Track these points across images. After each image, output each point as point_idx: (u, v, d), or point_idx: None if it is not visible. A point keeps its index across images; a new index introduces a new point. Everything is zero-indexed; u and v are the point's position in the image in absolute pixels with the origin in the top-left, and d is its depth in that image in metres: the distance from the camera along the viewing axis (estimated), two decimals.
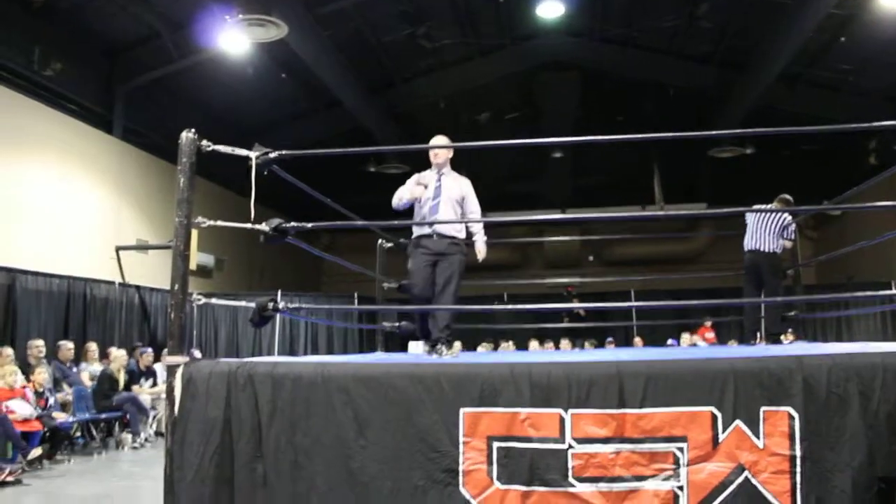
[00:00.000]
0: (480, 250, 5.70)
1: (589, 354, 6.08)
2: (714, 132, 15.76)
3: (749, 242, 7.50)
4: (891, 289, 15.06)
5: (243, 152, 4.18)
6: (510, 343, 14.29)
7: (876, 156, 16.08)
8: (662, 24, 14.19)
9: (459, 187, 5.63)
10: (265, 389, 3.56)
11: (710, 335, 13.84)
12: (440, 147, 5.59)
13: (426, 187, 5.67)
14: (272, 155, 4.25)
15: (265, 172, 4.30)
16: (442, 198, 5.58)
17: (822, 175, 17.80)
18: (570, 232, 17.18)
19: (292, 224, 4.35)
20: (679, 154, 18.73)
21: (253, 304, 4.45)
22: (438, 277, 5.49)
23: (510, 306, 12.59)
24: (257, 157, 4.21)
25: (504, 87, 16.86)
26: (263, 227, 4.27)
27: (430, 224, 5.53)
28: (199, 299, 4.13)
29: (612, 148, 17.00)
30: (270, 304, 4.39)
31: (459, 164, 5.89)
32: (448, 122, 17.07)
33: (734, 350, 7.03)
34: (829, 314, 13.87)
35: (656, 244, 19.50)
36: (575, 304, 13.64)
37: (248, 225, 4.29)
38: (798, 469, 3.19)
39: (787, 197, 7.68)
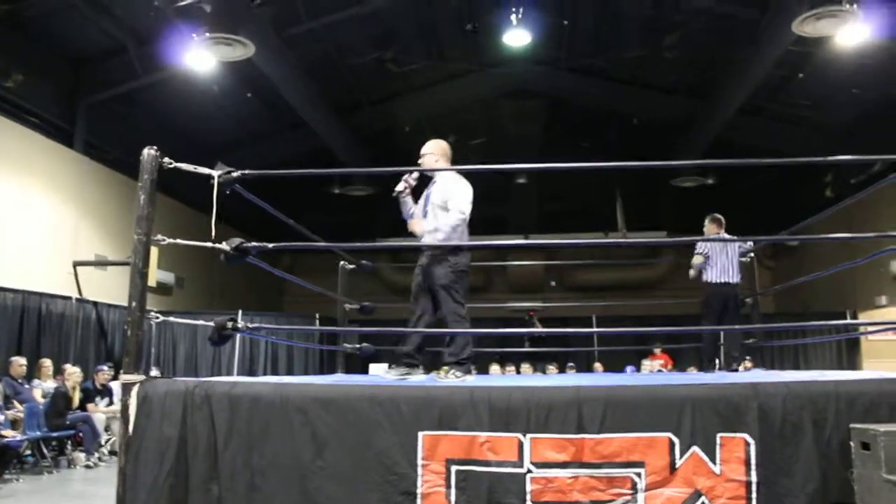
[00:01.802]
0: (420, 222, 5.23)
1: (549, 379, 6.10)
2: (676, 162, 16.08)
3: (720, 276, 7.53)
4: (846, 318, 15.36)
5: (206, 171, 4.16)
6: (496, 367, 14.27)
7: (832, 188, 16.43)
8: (628, 55, 14.41)
9: (443, 190, 5.21)
10: (222, 409, 3.51)
11: (660, 363, 13.99)
12: (415, 169, 5.28)
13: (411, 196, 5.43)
14: (235, 174, 4.22)
15: (227, 192, 4.28)
16: (429, 207, 5.28)
17: (780, 206, 18.12)
18: (533, 257, 17.26)
19: (253, 244, 4.32)
20: (642, 183, 18.97)
21: (212, 323, 4.40)
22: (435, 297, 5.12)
23: (471, 330, 12.59)
24: (220, 176, 4.18)
25: (470, 112, 16.96)
26: (224, 246, 4.24)
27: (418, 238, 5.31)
28: (157, 317, 4.07)
29: (576, 175, 17.17)
30: (230, 323, 4.35)
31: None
32: (414, 145, 17.07)
33: (692, 377, 7.10)
34: (787, 342, 14.08)
35: (618, 271, 19.69)
36: (536, 329, 13.69)
37: (209, 244, 4.26)
38: (754, 495, 3.23)
39: (719, 217, 7.79)
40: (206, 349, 15.21)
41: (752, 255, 7.88)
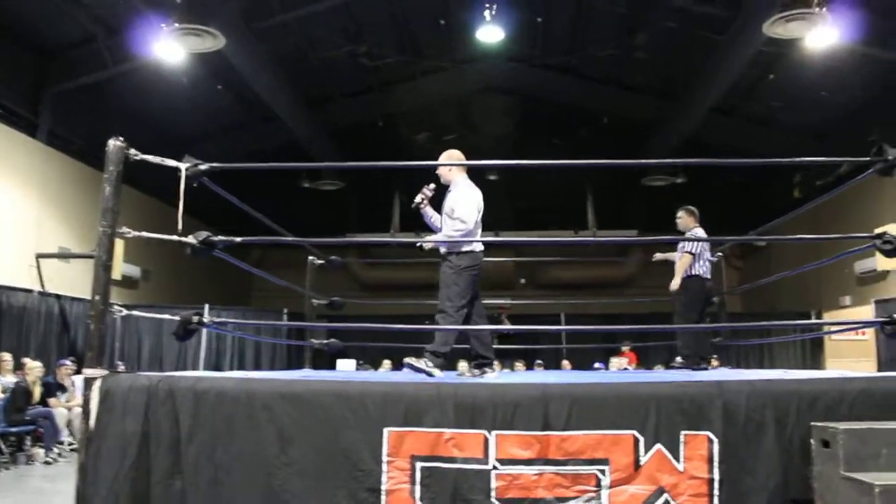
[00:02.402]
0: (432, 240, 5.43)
1: (516, 376, 6.13)
2: (647, 161, 16.20)
3: (706, 271, 7.55)
4: (811, 318, 15.59)
5: (173, 163, 4.13)
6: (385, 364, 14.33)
7: (800, 189, 16.65)
8: (601, 53, 14.48)
9: (451, 198, 5.42)
10: (186, 404, 3.50)
11: (625, 361, 14.13)
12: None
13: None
14: (203, 167, 4.20)
15: (195, 184, 4.25)
16: (443, 214, 5.48)
17: (749, 206, 18.32)
18: (503, 254, 17.32)
19: (220, 238, 4.30)
20: (613, 181, 19.08)
21: (178, 318, 4.37)
22: None
23: (441, 326, 12.60)
24: (187, 169, 4.16)
25: (444, 108, 16.96)
26: (191, 239, 4.21)
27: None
28: (121, 311, 4.04)
29: (548, 173, 17.22)
30: (195, 318, 4.32)
31: (390, 184, 5.80)
32: (386, 140, 17.11)
33: (657, 375, 7.16)
34: (753, 342, 14.26)
35: (588, 268, 19.79)
36: (505, 326, 13.74)
37: (175, 237, 4.22)
38: (716, 492, 3.27)
39: (694, 209, 7.78)
40: (172, 344, 15.08)
41: (720, 254, 7.97)
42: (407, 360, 5.10)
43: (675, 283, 7.34)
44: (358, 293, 20.27)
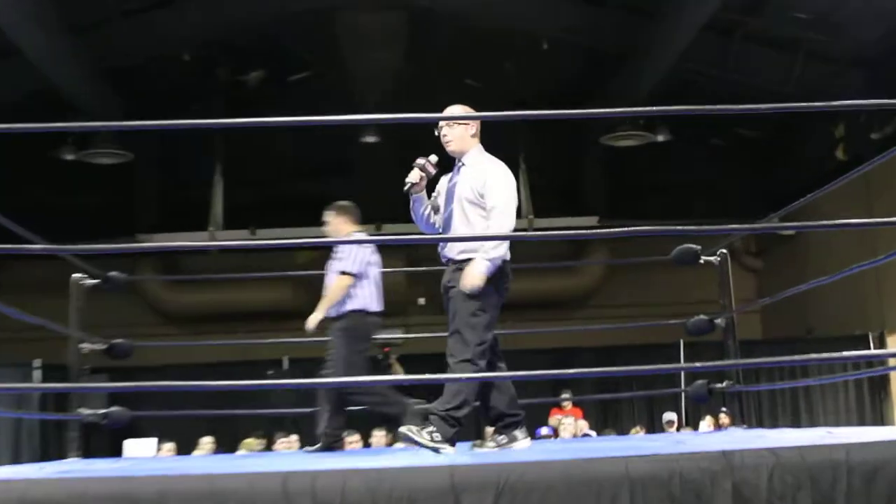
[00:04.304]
0: (468, 274, 5.65)
1: (411, 454, 6.12)
2: (609, 110, 16.26)
3: (374, 301, 7.85)
4: (868, 346, 15.96)
5: None
6: (293, 438, 14.17)
7: (844, 148, 17.00)
8: None
9: (474, 180, 5.81)
10: None
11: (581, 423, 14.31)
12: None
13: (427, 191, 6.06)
14: None
15: None
16: (454, 202, 5.86)
17: (767, 175, 18.74)
18: (390, 260, 17.28)
19: None
20: (558, 140, 19.24)
21: None
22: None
23: (292, 381, 12.48)
24: None
25: (288, 33, 16.80)
26: None
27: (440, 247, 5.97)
28: None
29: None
30: None
31: (210, 151, 5.75)
32: (196, 83, 16.87)
33: (633, 443, 7.24)
34: (779, 385, 14.58)
35: (524, 279, 19.90)
36: (395, 376, 13.72)
37: None
38: None
39: (346, 204, 8.12)
40: None
41: (722, 251, 8.11)
42: (403, 429, 5.39)
43: (314, 321, 7.65)
44: (159, 329, 19.92)
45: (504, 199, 5.70)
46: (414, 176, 5.92)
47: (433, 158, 5.98)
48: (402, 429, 5.43)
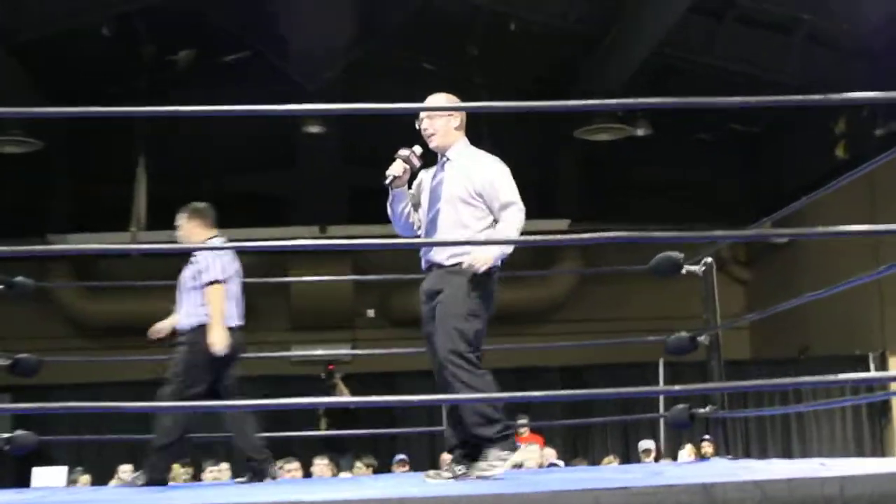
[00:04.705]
0: (481, 251, 5.74)
1: (357, 486, 6.03)
2: (584, 102, 16.22)
3: (235, 316, 7.85)
4: (868, 368, 15.95)
5: None
6: (223, 467, 13.97)
7: (845, 146, 16.97)
8: None
9: (469, 176, 5.96)
10: None
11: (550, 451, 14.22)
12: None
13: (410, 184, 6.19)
14: None
15: None
16: (442, 202, 5.97)
17: (759, 175, 18.72)
18: (334, 266, 17.15)
19: None
20: (525, 133, 19.16)
21: None
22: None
23: (221, 402, 12.22)
24: None
25: (221, 7, 16.64)
26: None
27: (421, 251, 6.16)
28: None
29: (409, 122, 17.05)
30: None
31: (132, 141, 5.55)
32: (117, 62, 16.68)
33: (601, 475, 7.14)
34: (769, 411, 14.52)
35: None
36: (339, 398, 13.53)
37: None
38: None
39: (201, 206, 7.99)
40: None
41: (707, 260, 7.99)
42: (479, 471, 5.54)
43: (221, 337, 7.47)
44: (71, 342, 19.69)
45: (516, 194, 5.87)
46: (396, 168, 5.99)
47: (417, 150, 6.05)
48: (477, 471, 5.54)
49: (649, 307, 18.31)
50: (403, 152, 6.05)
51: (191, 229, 7.82)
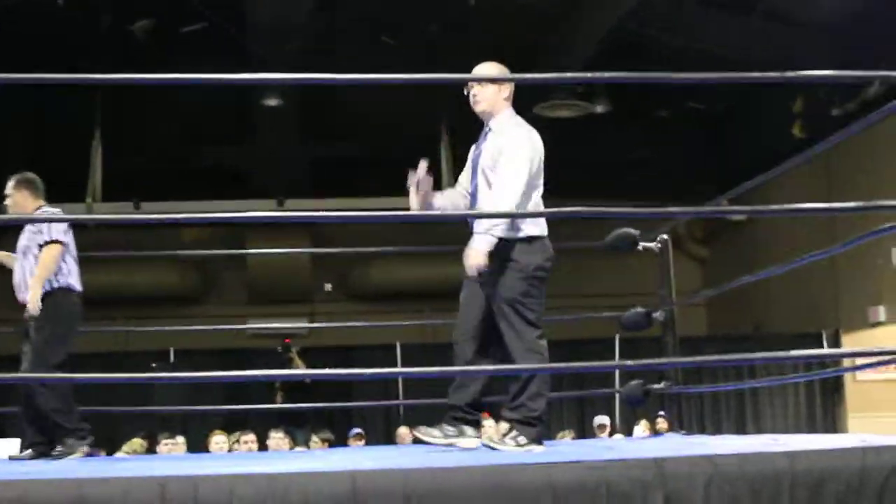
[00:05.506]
0: (469, 254, 5.73)
1: (311, 458, 6.10)
2: (544, 76, 16.30)
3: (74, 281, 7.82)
4: (821, 344, 16.10)
5: None
6: (179, 440, 14.07)
7: (801, 125, 17.15)
8: None
9: (494, 148, 5.88)
10: None
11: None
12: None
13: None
14: None
15: None
16: (479, 170, 5.95)
17: (716, 153, 18.87)
18: (292, 240, 17.18)
19: None
20: None
21: None
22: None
23: (177, 374, 12.39)
24: None
25: None
26: None
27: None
28: None
29: (374, 94, 17.15)
30: None
31: (88, 111, 5.66)
32: (72, 32, 16.64)
33: (555, 450, 7.28)
34: (723, 387, 14.66)
35: (442, 264, 19.71)
36: (295, 370, 13.70)
37: None
38: None
39: (31, 176, 8.06)
40: None
41: (664, 237, 8.15)
42: (485, 440, 5.61)
43: (35, 301, 7.46)
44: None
45: (512, 170, 5.76)
46: (413, 203, 6.10)
47: (421, 169, 6.08)
48: (484, 440, 5.62)
49: (605, 284, 18.42)
50: (410, 180, 6.09)
51: (20, 199, 7.75)
